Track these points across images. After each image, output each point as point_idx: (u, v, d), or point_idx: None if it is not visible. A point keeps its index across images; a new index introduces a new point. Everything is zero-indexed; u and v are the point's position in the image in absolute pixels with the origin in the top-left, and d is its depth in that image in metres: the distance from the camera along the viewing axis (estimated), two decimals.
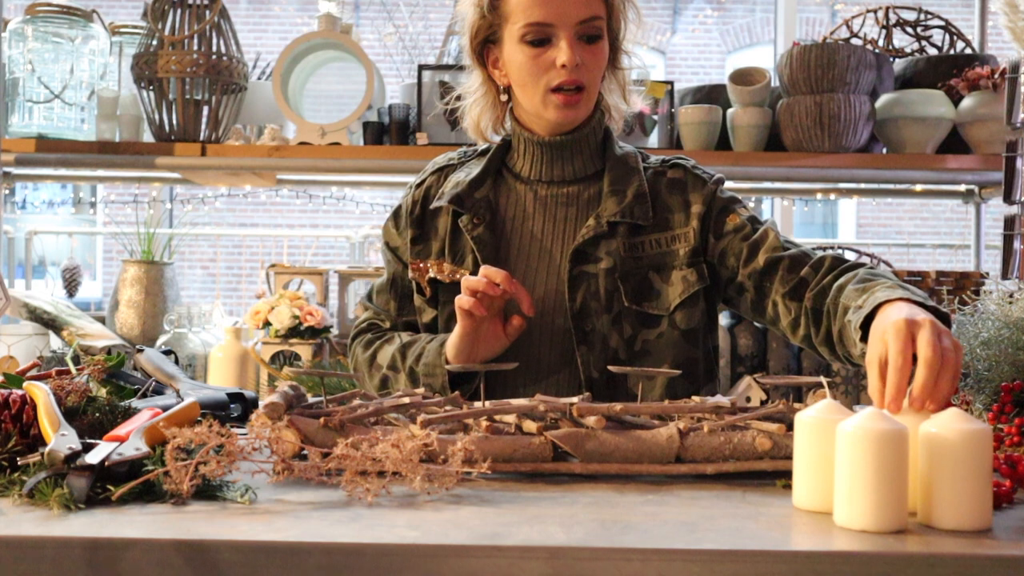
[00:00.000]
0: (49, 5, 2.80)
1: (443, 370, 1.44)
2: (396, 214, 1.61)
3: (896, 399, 1.00)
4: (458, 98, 1.60)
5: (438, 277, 1.52)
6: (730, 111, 2.76)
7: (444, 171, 1.61)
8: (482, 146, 1.62)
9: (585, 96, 1.46)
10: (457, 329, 1.41)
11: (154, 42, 2.75)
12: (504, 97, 1.53)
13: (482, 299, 1.36)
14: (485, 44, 1.51)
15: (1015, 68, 1.98)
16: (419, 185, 1.61)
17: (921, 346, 1.01)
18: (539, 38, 1.42)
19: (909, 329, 1.03)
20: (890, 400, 1.00)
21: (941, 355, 1.01)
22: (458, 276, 1.49)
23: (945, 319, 1.15)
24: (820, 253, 1.44)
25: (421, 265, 1.54)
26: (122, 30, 3.02)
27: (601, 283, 1.47)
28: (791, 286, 1.41)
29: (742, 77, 2.76)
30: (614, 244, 1.48)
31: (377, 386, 1.55)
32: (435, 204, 1.55)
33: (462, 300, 1.37)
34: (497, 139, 1.59)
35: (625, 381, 1.46)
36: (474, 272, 1.47)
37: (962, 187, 3.19)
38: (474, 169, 1.56)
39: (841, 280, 1.34)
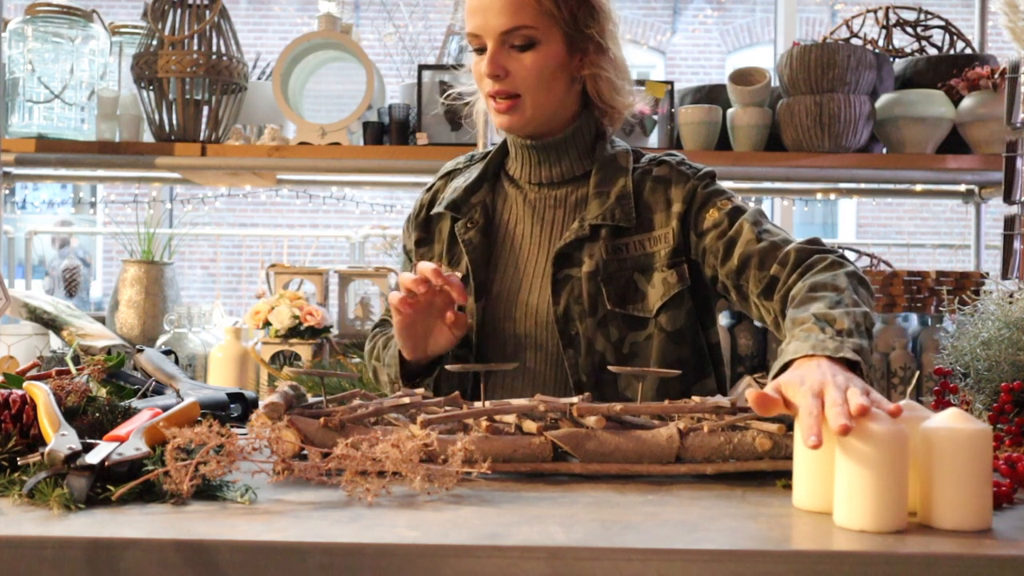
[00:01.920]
0: (49, 5, 2.80)
1: (396, 360, 1.46)
2: (409, 216, 1.66)
3: (812, 428, 0.94)
4: (458, 96, 1.64)
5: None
6: (730, 111, 2.76)
7: (451, 175, 1.64)
8: (486, 150, 1.65)
9: (520, 104, 1.46)
10: (395, 325, 1.43)
11: (154, 42, 2.75)
12: None
13: (413, 298, 1.36)
14: None
15: (1015, 68, 1.98)
16: (429, 189, 1.65)
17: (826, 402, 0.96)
18: (477, 47, 1.47)
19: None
20: (806, 435, 0.94)
21: (841, 391, 0.96)
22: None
23: (855, 366, 1.09)
24: (789, 244, 1.40)
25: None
26: (122, 30, 3.02)
27: (584, 287, 1.47)
28: (764, 285, 1.39)
29: (742, 77, 2.76)
30: (597, 247, 1.48)
31: (371, 378, 1.59)
32: (435, 210, 1.58)
33: (392, 297, 1.38)
34: (498, 139, 1.62)
35: (615, 384, 1.46)
36: (467, 275, 1.51)
37: (962, 187, 3.19)
38: (474, 173, 1.59)
39: (795, 289, 1.31)
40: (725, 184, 1.56)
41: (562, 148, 1.52)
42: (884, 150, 2.82)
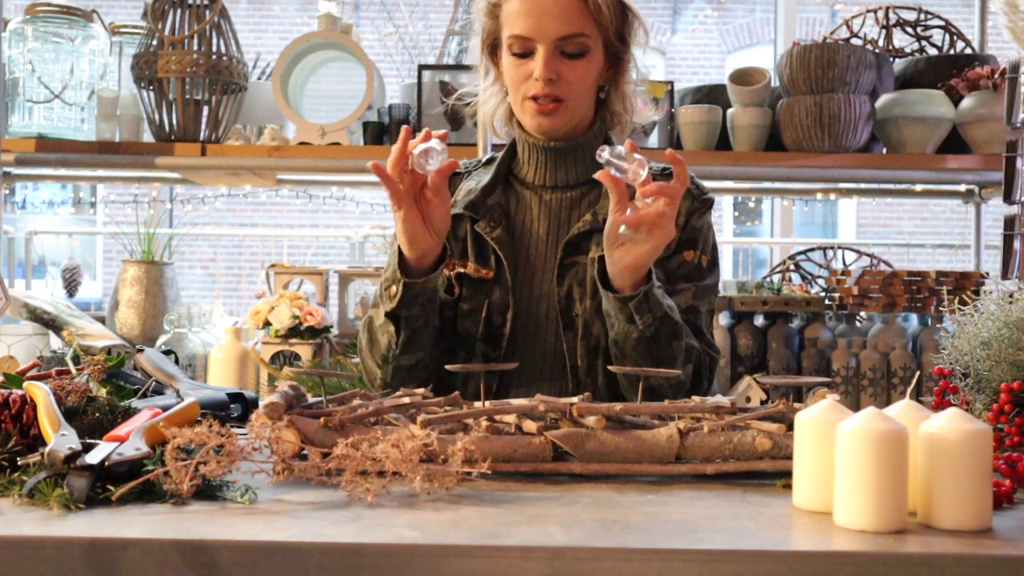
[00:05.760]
0: (49, 5, 2.80)
1: (395, 254, 1.41)
2: None
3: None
4: (459, 97, 1.67)
5: (464, 271, 1.56)
6: (730, 111, 2.76)
7: (454, 179, 1.65)
8: (485, 157, 1.68)
9: (563, 108, 1.50)
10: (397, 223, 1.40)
11: (154, 42, 2.75)
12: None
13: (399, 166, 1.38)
14: (495, 45, 1.58)
15: (1015, 68, 1.98)
16: None
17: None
18: (521, 50, 1.49)
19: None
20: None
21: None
22: (482, 274, 1.55)
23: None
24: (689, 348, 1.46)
25: (449, 263, 1.57)
26: (122, 30, 3.02)
27: (588, 270, 1.52)
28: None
29: (742, 77, 2.76)
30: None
31: (367, 344, 1.54)
32: (453, 210, 1.58)
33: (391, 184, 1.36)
34: (504, 135, 1.64)
35: (610, 372, 1.47)
36: (497, 272, 1.53)
37: (962, 187, 3.19)
38: (484, 177, 1.62)
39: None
40: (725, 184, 1.57)
41: (579, 152, 1.57)
42: (884, 150, 2.82)
